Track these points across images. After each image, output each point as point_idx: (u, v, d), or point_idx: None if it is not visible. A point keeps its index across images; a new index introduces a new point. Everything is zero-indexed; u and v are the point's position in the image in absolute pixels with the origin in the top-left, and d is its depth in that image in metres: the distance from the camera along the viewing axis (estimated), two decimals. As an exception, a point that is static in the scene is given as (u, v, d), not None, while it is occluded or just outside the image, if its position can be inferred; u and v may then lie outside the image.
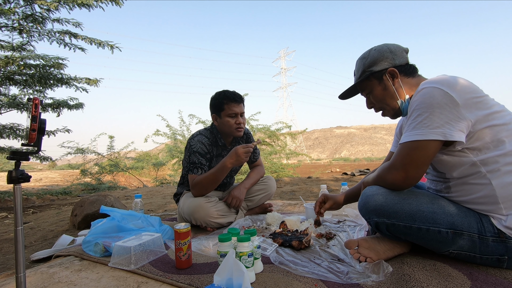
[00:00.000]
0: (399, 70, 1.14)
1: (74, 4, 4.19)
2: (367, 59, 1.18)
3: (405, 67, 1.16)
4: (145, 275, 1.10)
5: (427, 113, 0.97)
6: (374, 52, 1.18)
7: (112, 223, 1.43)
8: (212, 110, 1.87)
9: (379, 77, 1.17)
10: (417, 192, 1.08)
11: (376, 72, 1.16)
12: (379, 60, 1.16)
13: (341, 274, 1.02)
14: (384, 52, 1.16)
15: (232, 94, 1.81)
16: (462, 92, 0.97)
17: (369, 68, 1.17)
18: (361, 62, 1.21)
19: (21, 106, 4.62)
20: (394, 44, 1.19)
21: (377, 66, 1.16)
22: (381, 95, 1.18)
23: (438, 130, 0.95)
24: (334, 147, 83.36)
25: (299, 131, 10.70)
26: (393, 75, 1.15)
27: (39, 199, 4.69)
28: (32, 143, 0.83)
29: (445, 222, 0.99)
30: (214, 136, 1.90)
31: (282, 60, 73.74)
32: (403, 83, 1.15)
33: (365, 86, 1.21)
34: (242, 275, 0.82)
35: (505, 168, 0.95)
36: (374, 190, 1.10)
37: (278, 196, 3.70)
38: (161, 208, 3.02)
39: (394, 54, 1.16)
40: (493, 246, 0.97)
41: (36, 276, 1.15)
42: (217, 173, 1.73)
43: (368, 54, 1.19)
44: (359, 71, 1.21)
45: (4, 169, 12.76)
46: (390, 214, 1.04)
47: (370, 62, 1.17)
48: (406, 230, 1.04)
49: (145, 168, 8.65)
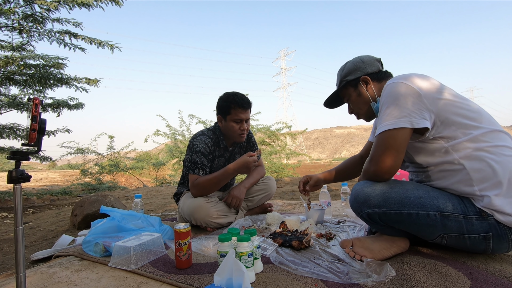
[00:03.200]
0: (371, 77, 1.28)
1: (74, 4, 4.19)
2: (343, 70, 1.34)
3: (377, 74, 1.29)
4: (145, 275, 1.10)
5: (393, 105, 1.06)
6: (349, 64, 1.34)
7: (112, 223, 1.43)
8: (218, 111, 1.84)
9: (354, 84, 1.31)
10: (401, 181, 1.15)
11: (351, 81, 1.31)
12: (353, 70, 1.31)
13: (341, 274, 1.02)
14: (357, 63, 1.31)
15: (240, 99, 1.76)
16: (422, 84, 1.07)
17: (345, 78, 1.33)
18: (339, 74, 1.37)
19: (21, 106, 4.62)
20: (367, 56, 1.34)
21: (351, 75, 1.31)
22: (357, 101, 1.32)
23: (405, 119, 1.04)
24: (334, 147, 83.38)
25: (299, 131, 10.71)
26: (366, 81, 1.29)
27: (39, 199, 4.69)
28: (32, 143, 0.83)
29: (431, 206, 1.05)
30: (217, 137, 1.90)
31: (282, 60, 73.73)
32: (376, 88, 1.28)
33: (344, 94, 1.37)
34: (242, 275, 0.82)
35: (475, 153, 1.02)
36: (362, 184, 1.17)
37: (278, 196, 3.70)
38: (161, 208, 3.02)
39: (366, 63, 1.30)
40: (477, 225, 1.03)
41: (36, 276, 1.15)
42: (220, 177, 1.76)
43: (344, 66, 1.35)
44: (338, 81, 1.38)
45: (4, 169, 12.76)
46: (380, 203, 1.09)
47: (346, 73, 1.33)
48: (397, 218, 1.08)
49: (145, 168, 8.65)
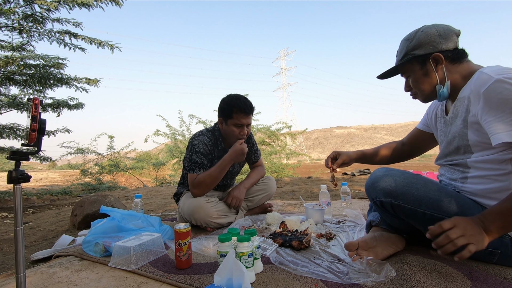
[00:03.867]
0: (444, 56, 1.05)
1: (74, 4, 4.18)
2: (412, 41, 1.10)
3: (452, 52, 1.06)
4: (145, 275, 1.10)
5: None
6: (420, 34, 1.08)
7: (112, 223, 1.43)
8: (220, 113, 1.84)
9: (422, 61, 1.09)
10: (426, 179, 1.09)
11: (419, 56, 1.08)
12: (424, 44, 1.07)
13: (341, 274, 1.02)
14: (431, 35, 1.06)
15: (243, 104, 1.75)
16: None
17: (412, 51, 1.09)
18: (404, 44, 1.13)
19: (21, 106, 4.61)
20: (445, 26, 1.08)
21: (421, 49, 1.07)
22: (421, 80, 1.11)
23: None
24: (334, 147, 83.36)
25: (299, 131, 10.70)
26: (437, 60, 1.06)
27: (39, 199, 4.69)
28: (32, 143, 0.83)
29: (449, 211, 1.00)
30: (216, 138, 1.90)
31: (282, 60, 73.71)
32: (448, 70, 1.07)
33: (406, 69, 1.14)
34: (242, 275, 0.82)
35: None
36: (384, 171, 1.13)
37: (278, 196, 3.70)
38: (161, 208, 3.02)
39: (442, 37, 1.06)
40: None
41: (36, 276, 1.15)
42: (218, 169, 1.76)
43: (414, 36, 1.10)
44: (402, 52, 1.14)
45: (4, 169, 12.75)
46: (398, 195, 1.06)
47: (415, 45, 1.09)
48: (411, 213, 1.06)
49: (145, 168, 8.65)
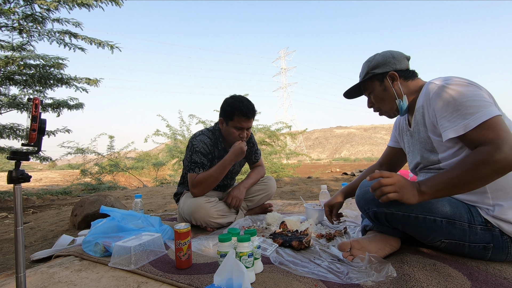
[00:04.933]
0: (399, 74, 1.24)
1: (74, 4, 4.19)
2: (372, 62, 1.29)
3: (405, 72, 1.25)
4: (145, 275, 1.10)
5: (472, 99, 0.96)
6: (378, 57, 1.28)
7: (112, 223, 1.43)
8: (221, 113, 1.84)
9: (381, 79, 1.26)
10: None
11: (378, 74, 1.26)
12: (382, 64, 1.25)
13: (341, 274, 1.02)
14: (387, 57, 1.26)
15: (245, 108, 1.74)
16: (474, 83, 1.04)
17: (372, 70, 1.27)
18: (366, 65, 1.31)
19: (21, 106, 4.62)
20: (397, 51, 1.29)
21: (379, 68, 1.26)
22: (381, 96, 1.27)
23: (492, 107, 0.95)
24: (334, 147, 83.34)
25: (299, 131, 10.70)
26: (393, 78, 1.24)
27: (39, 199, 4.69)
28: (32, 143, 0.83)
29: (439, 212, 1.05)
30: (216, 138, 1.90)
31: (282, 60, 73.72)
32: (402, 86, 1.24)
33: (367, 86, 1.31)
34: (242, 275, 0.82)
35: None
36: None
37: (278, 196, 3.70)
38: (161, 208, 3.02)
39: (396, 59, 1.25)
40: (481, 234, 1.04)
41: (36, 276, 1.15)
42: (218, 170, 1.77)
43: (373, 58, 1.30)
44: (363, 72, 1.32)
45: (4, 169, 12.76)
46: (390, 203, 1.08)
47: (374, 65, 1.27)
48: (404, 220, 1.08)
49: (145, 168, 8.65)
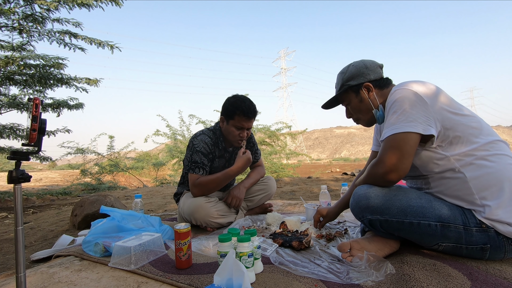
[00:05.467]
0: (373, 85, 1.25)
1: (74, 4, 4.18)
2: (346, 74, 1.29)
3: (379, 81, 1.26)
4: (145, 275, 1.10)
5: (401, 110, 1.06)
6: (352, 68, 1.28)
7: (112, 223, 1.43)
8: (223, 111, 1.85)
9: (356, 90, 1.27)
10: (405, 188, 1.13)
11: (353, 86, 1.27)
12: (356, 75, 1.26)
13: (341, 274, 1.02)
14: (361, 68, 1.27)
15: (247, 108, 1.76)
16: (429, 93, 1.08)
17: (347, 82, 1.28)
18: (340, 77, 1.32)
19: (21, 106, 4.61)
20: (370, 61, 1.30)
21: (354, 80, 1.27)
22: (358, 107, 1.29)
23: (412, 124, 1.04)
24: (334, 147, 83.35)
25: (299, 131, 10.71)
26: (368, 89, 1.26)
27: (39, 199, 4.69)
28: (33, 143, 0.83)
29: (433, 216, 1.05)
30: (217, 137, 1.90)
31: (282, 60, 73.72)
32: (377, 95, 1.25)
33: (344, 98, 1.33)
34: (242, 275, 0.82)
35: (477, 162, 1.04)
36: (365, 189, 1.14)
37: (278, 196, 3.70)
38: (161, 208, 3.02)
39: (369, 70, 1.26)
40: (477, 236, 1.03)
41: (36, 276, 1.15)
42: (222, 178, 1.79)
43: (346, 70, 1.30)
44: (338, 84, 1.33)
45: (4, 169, 12.75)
46: (383, 210, 1.08)
47: (348, 77, 1.28)
48: (398, 226, 1.08)
49: (145, 168, 8.65)
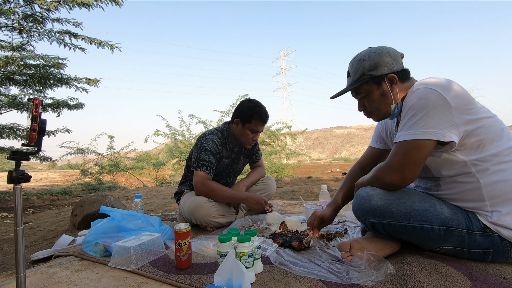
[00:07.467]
0: (398, 76, 1.13)
1: (74, 4, 4.18)
2: (366, 61, 1.14)
3: (401, 73, 1.15)
4: (145, 275, 1.10)
5: (422, 113, 0.99)
6: (374, 56, 1.13)
7: (112, 223, 1.43)
8: (239, 114, 1.86)
9: (378, 81, 1.14)
10: (408, 191, 1.11)
11: (376, 77, 1.13)
12: (379, 65, 1.12)
13: (341, 274, 1.02)
14: (384, 56, 1.13)
15: (264, 114, 1.86)
16: (455, 96, 1.00)
17: (369, 72, 1.14)
18: (360, 64, 1.16)
19: (21, 106, 4.61)
20: (392, 48, 1.16)
21: (377, 70, 1.13)
22: (378, 100, 1.16)
23: (432, 130, 0.98)
24: (334, 147, 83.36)
25: (299, 131, 10.70)
26: (392, 81, 1.13)
27: (39, 199, 4.69)
28: (33, 143, 0.83)
29: (437, 220, 1.03)
30: (225, 138, 1.92)
31: (282, 60, 73.69)
32: (399, 89, 1.14)
33: (363, 89, 1.17)
34: (242, 276, 0.82)
35: (493, 168, 1.00)
36: (369, 191, 1.11)
37: (278, 196, 3.70)
38: (161, 208, 3.02)
39: (393, 59, 1.13)
40: (480, 240, 1.02)
41: (36, 276, 1.15)
42: (230, 196, 1.84)
43: (367, 57, 1.14)
44: (357, 73, 1.16)
45: (4, 169, 12.75)
46: (386, 214, 1.06)
47: (370, 66, 1.13)
48: (401, 229, 1.06)
49: (145, 168, 8.65)
